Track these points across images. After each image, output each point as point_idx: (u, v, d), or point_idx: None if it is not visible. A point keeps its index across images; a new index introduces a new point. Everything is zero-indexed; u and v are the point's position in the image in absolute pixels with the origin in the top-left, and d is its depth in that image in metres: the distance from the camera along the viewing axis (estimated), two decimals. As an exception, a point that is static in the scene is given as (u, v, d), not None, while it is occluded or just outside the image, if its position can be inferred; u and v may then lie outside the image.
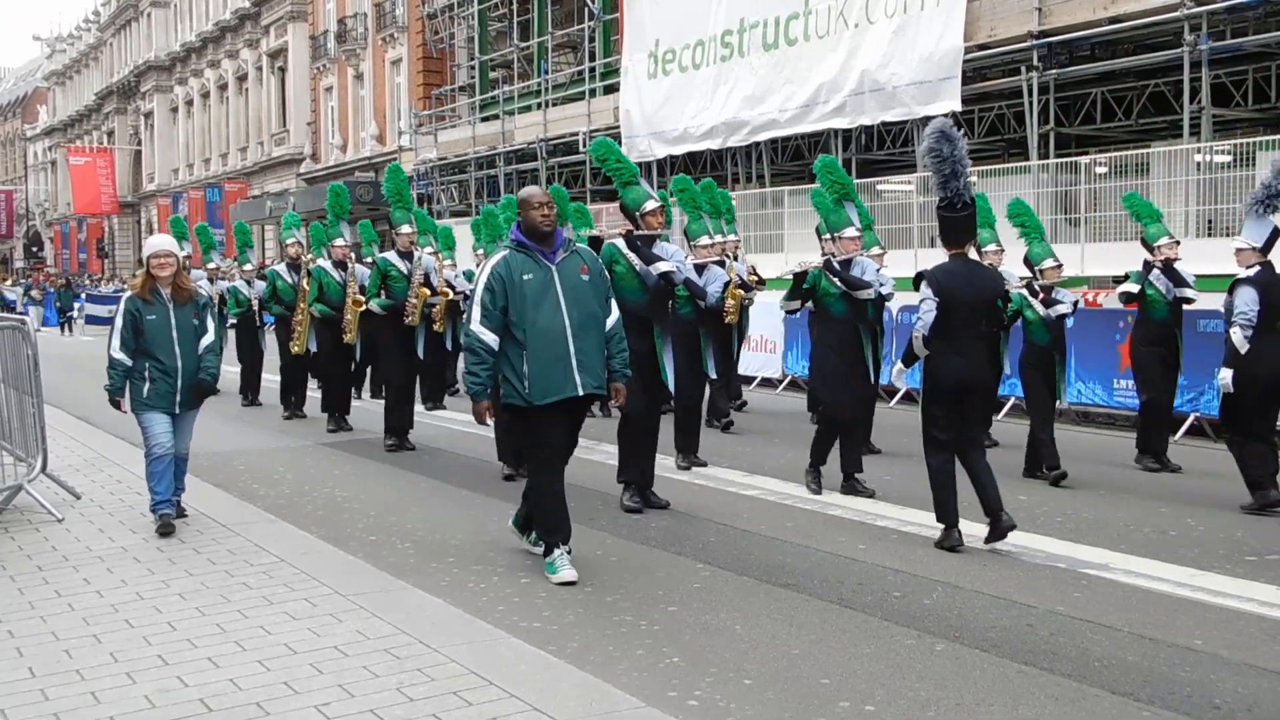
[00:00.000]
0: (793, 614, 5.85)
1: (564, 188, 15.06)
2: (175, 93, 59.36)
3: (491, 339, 6.28)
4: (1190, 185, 14.06)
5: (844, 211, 9.20)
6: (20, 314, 36.94)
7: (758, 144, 21.89)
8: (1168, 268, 9.67)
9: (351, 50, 41.37)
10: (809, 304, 9.09)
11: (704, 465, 9.96)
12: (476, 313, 6.30)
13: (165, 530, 7.08)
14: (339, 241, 12.46)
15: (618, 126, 25.09)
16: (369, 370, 13.61)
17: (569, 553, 6.49)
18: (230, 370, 14.29)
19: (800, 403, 14.01)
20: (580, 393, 6.37)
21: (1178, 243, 9.95)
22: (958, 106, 17.62)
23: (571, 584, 6.29)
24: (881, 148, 20.38)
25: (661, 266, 8.02)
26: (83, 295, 38.10)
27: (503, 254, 6.43)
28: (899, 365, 7.66)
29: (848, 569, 6.69)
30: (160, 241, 7.43)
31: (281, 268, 14.03)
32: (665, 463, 10.03)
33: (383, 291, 11.16)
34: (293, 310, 13.35)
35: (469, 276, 12.90)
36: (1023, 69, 17.07)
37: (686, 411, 9.98)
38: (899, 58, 18.39)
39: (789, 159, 22.36)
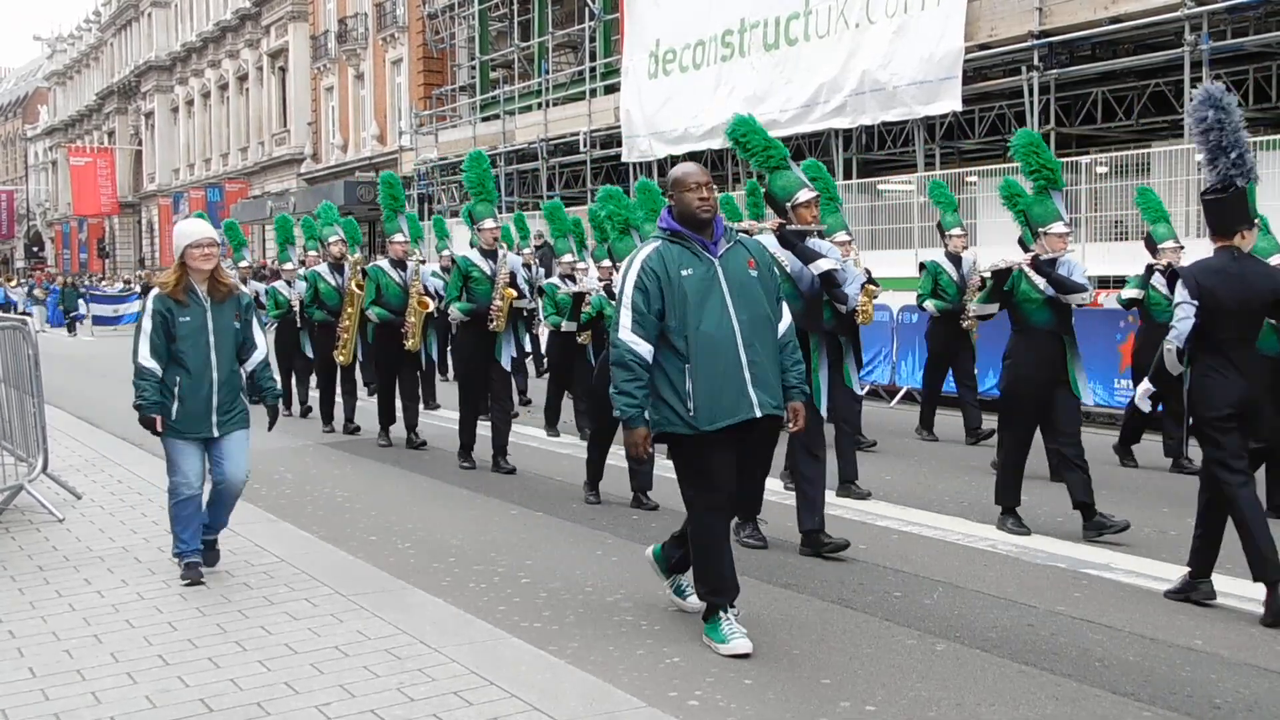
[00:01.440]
0: (793, 614, 5.85)
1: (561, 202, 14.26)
2: (176, 93, 59.37)
3: (646, 349, 5.16)
4: (1191, 185, 14.05)
5: (1050, 203, 7.80)
6: (24, 313, 36.92)
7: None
8: (1171, 274, 9.31)
9: (352, 50, 41.37)
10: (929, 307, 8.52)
11: (867, 497, 8.55)
12: (626, 317, 5.18)
13: (192, 581, 5.99)
14: (398, 238, 11.42)
15: (618, 126, 25.10)
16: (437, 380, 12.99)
17: (738, 615, 5.35)
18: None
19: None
20: (758, 413, 5.18)
21: (1181, 247, 9.86)
22: (958, 106, 17.64)
23: (746, 656, 5.13)
24: (882, 148, 20.37)
25: (823, 265, 6.93)
26: (87, 295, 37.71)
27: (653, 245, 5.31)
28: (1145, 385, 6.45)
29: (848, 569, 6.69)
30: (198, 228, 6.20)
31: (323, 268, 12.53)
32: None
33: (463, 293, 9.86)
34: (337, 315, 12.07)
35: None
36: (1023, 69, 17.07)
37: (845, 436, 8.61)
38: (899, 58, 18.38)
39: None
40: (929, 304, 11.28)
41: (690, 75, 23.31)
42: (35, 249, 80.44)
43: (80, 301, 36.82)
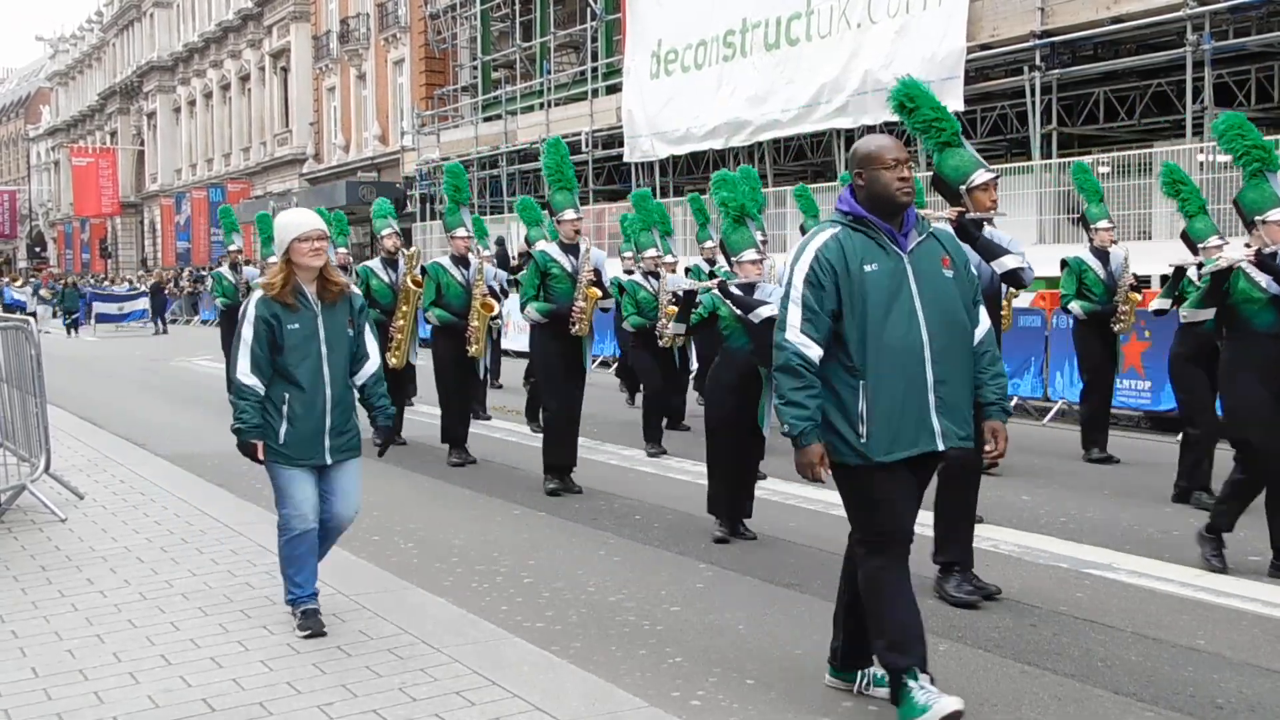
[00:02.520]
0: (796, 613, 5.84)
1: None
2: (178, 93, 59.43)
3: (816, 353, 4.30)
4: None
5: (1268, 187, 6.75)
6: (29, 314, 36.84)
7: (760, 144, 21.89)
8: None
9: (354, 50, 41.40)
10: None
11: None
12: (795, 315, 4.31)
13: (312, 632, 5.12)
14: (460, 232, 10.44)
15: (620, 127, 25.12)
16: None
17: (932, 679, 4.37)
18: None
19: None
20: (940, 446, 4.34)
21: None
22: (960, 106, 17.61)
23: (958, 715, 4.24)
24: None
25: (1009, 263, 5.99)
26: (88, 295, 37.41)
27: (830, 232, 4.41)
28: None
29: (850, 569, 6.68)
30: (306, 219, 5.30)
31: (375, 264, 11.47)
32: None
33: (540, 292, 8.90)
34: (390, 315, 11.03)
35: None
36: (1025, 69, 17.08)
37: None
38: (901, 58, 18.37)
39: (791, 159, 22.37)
40: (1074, 305, 10.01)
41: (692, 75, 23.32)
42: (38, 249, 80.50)
43: (81, 302, 36.38)
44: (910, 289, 4.31)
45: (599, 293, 8.83)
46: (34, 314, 36.21)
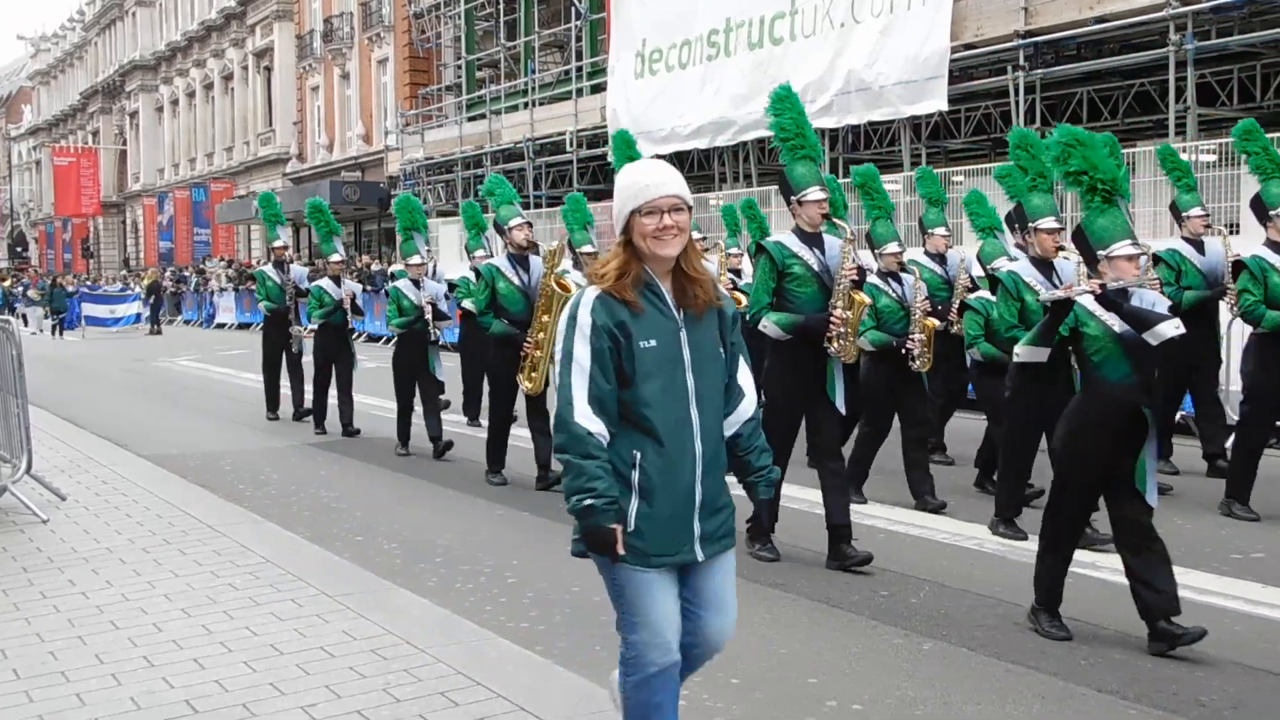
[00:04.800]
0: (780, 613, 5.85)
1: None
2: (160, 92, 59.23)
3: None
4: (1161, 186, 14.09)
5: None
6: (19, 314, 36.37)
7: (745, 143, 21.90)
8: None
9: (338, 50, 41.31)
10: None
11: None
12: None
13: None
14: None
15: (604, 126, 25.10)
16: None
17: None
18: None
19: None
20: None
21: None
22: (944, 106, 17.67)
23: None
24: (868, 147, 20.40)
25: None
26: (76, 296, 36.50)
27: None
28: None
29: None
30: (663, 175, 3.44)
31: (502, 262, 9.37)
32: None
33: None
34: (523, 327, 9.00)
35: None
36: (1009, 68, 17.10)
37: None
38: (885, 57, 18.41)
39: (776, 159, 22.36)
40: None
41: (676, 75, 23.31)
42: (19, 249, 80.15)
43: (70, 303, 35.53)
44: None
45: (867, 299, 7.30)
46: (24, 315, 36.08)
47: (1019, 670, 5.01)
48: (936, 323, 8.55)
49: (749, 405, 3.63)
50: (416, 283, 10.88)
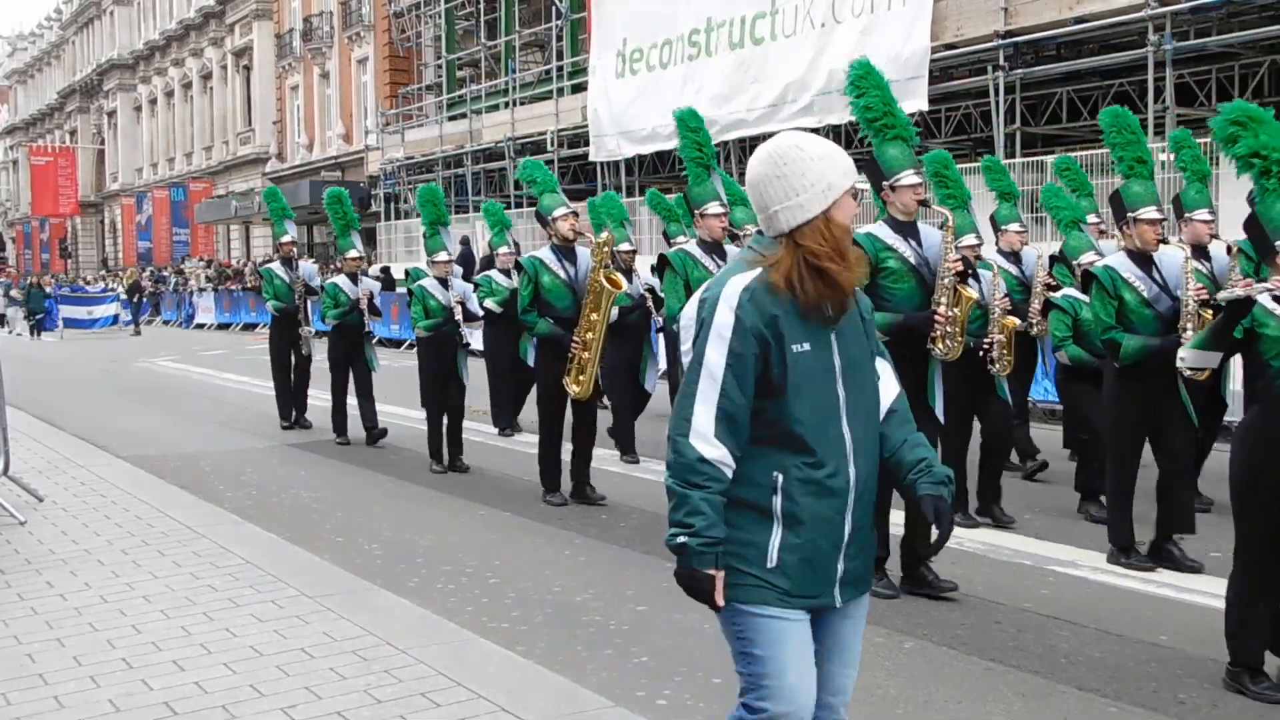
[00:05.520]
0: (762, 613, 5.84)
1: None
2: (139, 91, 58.99)
3: None
4: (1155, 185, 14.16)
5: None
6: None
7: (726, 143, 21.92)
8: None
9: (317, 49, 41.20)
10: None
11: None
12: None
13: None
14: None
15: (586, 126, 25.10)
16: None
17: None
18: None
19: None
20: None
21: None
22: (925, 106, 17.71)
23: None
24: (850, 147, 20.41)
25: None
26: (54, 297, 35.89)
27: None
28: None
29: (816, 567, 6.68)
30: (828, 154, 2.94)
31: (547, 254, 8.49)
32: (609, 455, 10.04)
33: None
34: (569, 326, 8.28)
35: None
36: (989, 68, 17.17)
37: None
38: (866, 57, 18.44)
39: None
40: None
41: (658, 74, 23.33)
42: (-4, 249, 79.72)
43: (48, 304, 34.71)
44: None
45: (975, 294, 6.71)
46: (3, 315, 35.80)
47: (999, 669, 5.02)
48: (1017, 321, 7.92)
49: (909, 424, 3.10)
50: (444, 281, 9.95)
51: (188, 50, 52.74)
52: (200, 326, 35.34)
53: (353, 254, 11.70)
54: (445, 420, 9.97)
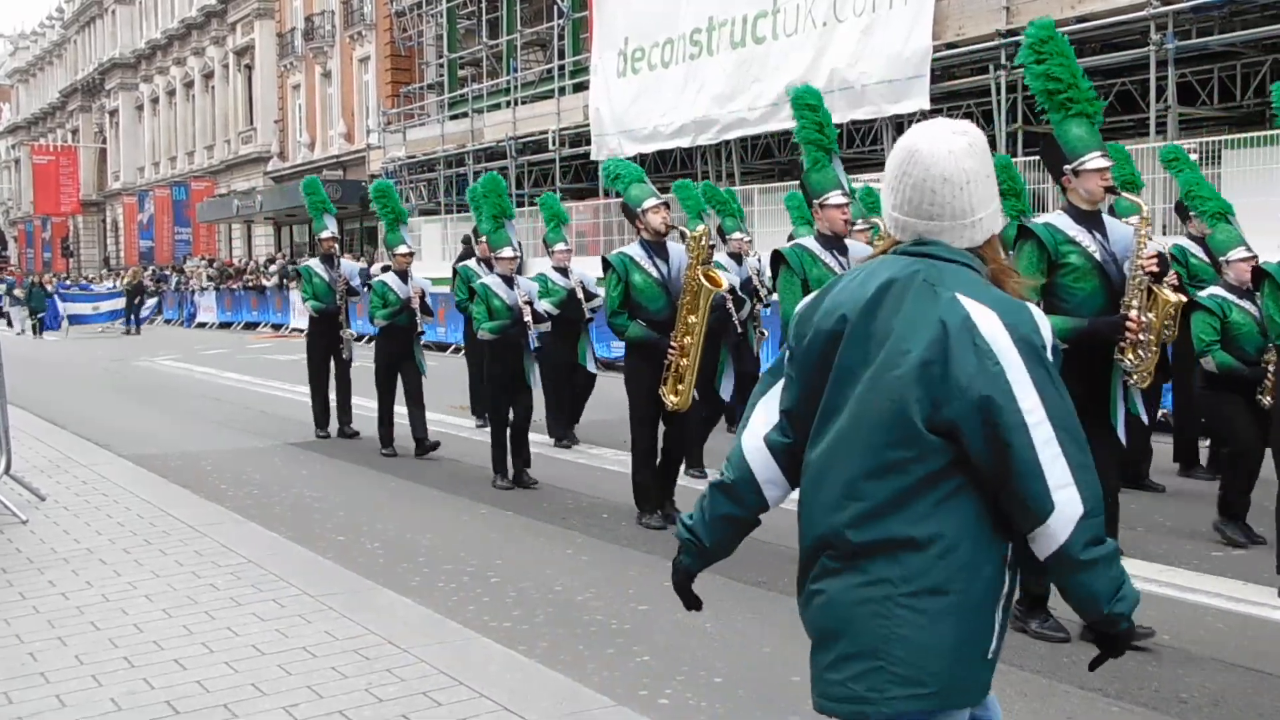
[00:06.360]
0: (763, 612, 5.85)
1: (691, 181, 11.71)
2: (141, 90, 59.00)
3: None
4: (1157, 184, 14.16)
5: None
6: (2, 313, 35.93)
7: (728, 142, 21.94)
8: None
9: (319, 48, 41.21)
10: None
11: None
12: None
13: None
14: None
15: (587, 125, 25.10)
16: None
17: None
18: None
19: None
20: None
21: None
22: (926, 105, 17.70)
23: None
24: (851, 146, 20.42)
25: None
26: (55, 295, 35.75)
27: None
28: None
29: (818, 566, 6.68)
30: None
31: (636, 250, 7.78)
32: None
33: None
34: (664, 330, 7.52)
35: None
36: (991, 67, 17.17)
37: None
38: (868, 56, 18.47)
39: (759, 157, 22.41)
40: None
41: (659, 74, 23.34)
42: (-2, 248, 79.78)
43: (49, 303, 34.74)
44: None
45: (1174, 297, 6.33)
46: (8, 315, 35.73)
47: (1001, 668, 4.96)
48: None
49: None
50: (509, 280, 9.17)
51: (189, 49, 52.75)
52: (202, 326, 35.35)
53: (402, 249, 10.84)
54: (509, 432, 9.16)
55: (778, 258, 6.68)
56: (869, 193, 10.39)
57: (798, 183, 7.84)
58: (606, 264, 7.76)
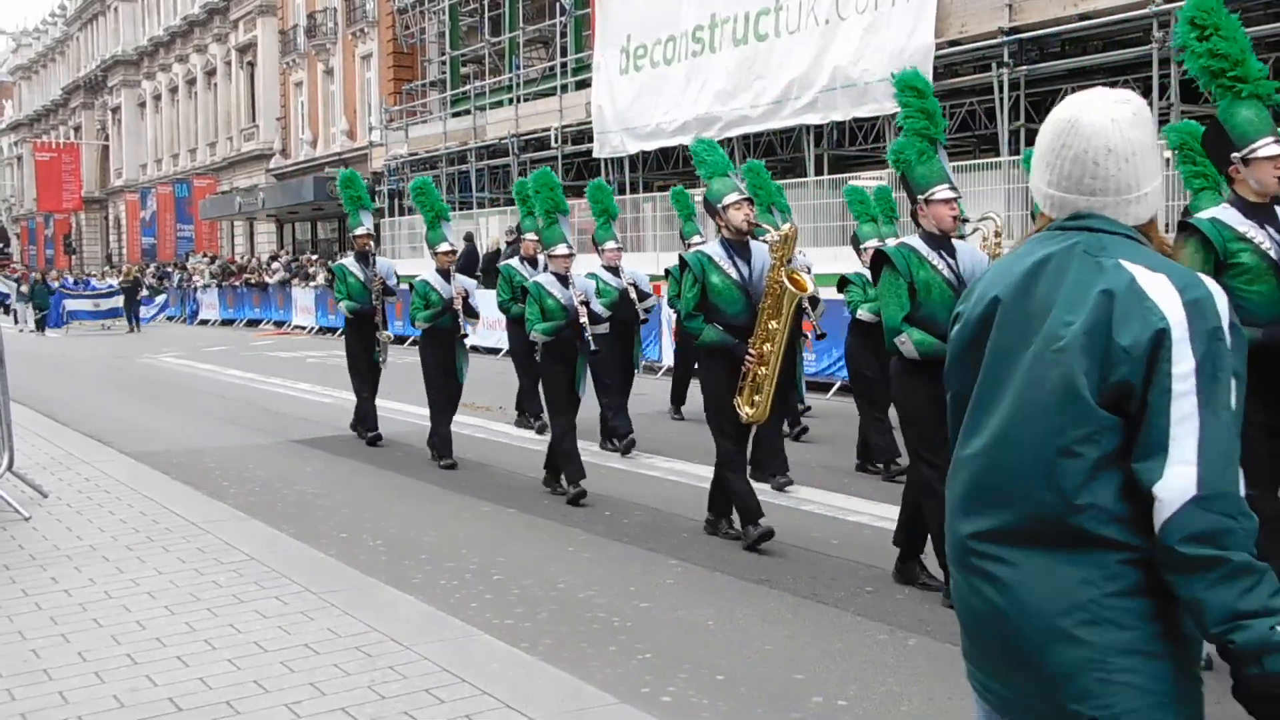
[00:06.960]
0: (765, 609, 5.85)
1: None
2: (143, 87, 59.02)
3: None
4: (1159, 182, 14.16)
5: None
6: (9, 309, 35.88)
7: (730, 140, 21.90)
8: None
9: (321, 45, 41.21)
10: None
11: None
12: None
13: None
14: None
15: (590, 122, 25.10)
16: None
17: None
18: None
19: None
20: None
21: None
22: (928, 103, 17.67)
23: None
24: (854, 144, 20.43)
25: None
26: (58, 292, 35.52)
27: None
28: None
29: (820, 564, 6.70)
30: None
31: (715, 249, 7.26)
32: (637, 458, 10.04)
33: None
34: (743, 334, 7.03)
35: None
36: (993, 65, 17.15)
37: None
38: (870, 54, 18.44)
39: (761, 154, 22.38)
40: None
41: (661, 71, 23.33)
42: (1, 245, 79.77)
43: (52, 299, 34.40)
44: None
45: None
46: (14, 311, 35.70)
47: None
48: None
49: None
50: (563, 279, 8.76)
51: (192, 46, 52.77)
52: (204, 323, 35.36)
53: (444, 248, 10.16)
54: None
55: (880, 257, 6.02)
56: (872, 192, 10.40)
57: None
58: (683, 263, 7.29)
